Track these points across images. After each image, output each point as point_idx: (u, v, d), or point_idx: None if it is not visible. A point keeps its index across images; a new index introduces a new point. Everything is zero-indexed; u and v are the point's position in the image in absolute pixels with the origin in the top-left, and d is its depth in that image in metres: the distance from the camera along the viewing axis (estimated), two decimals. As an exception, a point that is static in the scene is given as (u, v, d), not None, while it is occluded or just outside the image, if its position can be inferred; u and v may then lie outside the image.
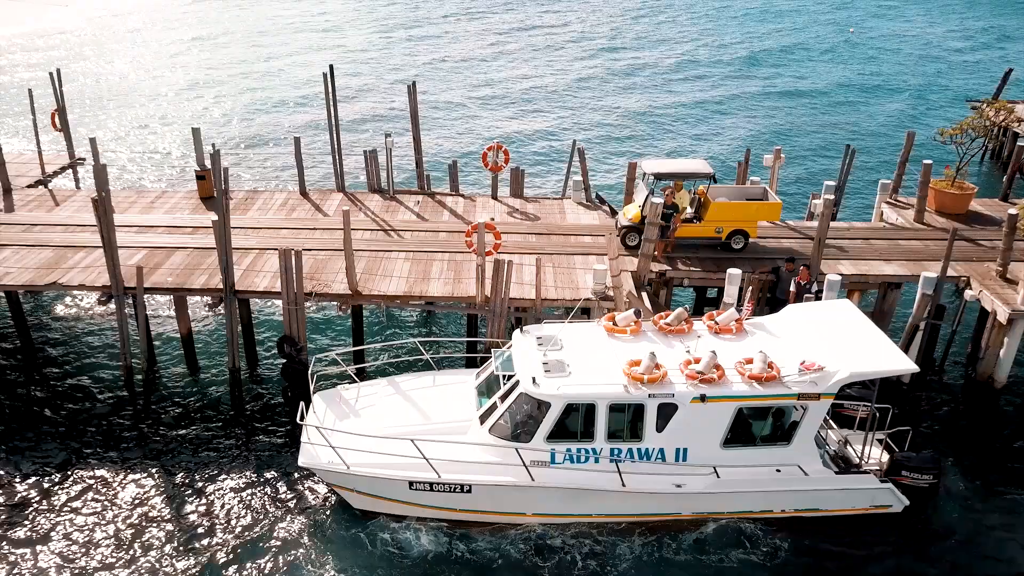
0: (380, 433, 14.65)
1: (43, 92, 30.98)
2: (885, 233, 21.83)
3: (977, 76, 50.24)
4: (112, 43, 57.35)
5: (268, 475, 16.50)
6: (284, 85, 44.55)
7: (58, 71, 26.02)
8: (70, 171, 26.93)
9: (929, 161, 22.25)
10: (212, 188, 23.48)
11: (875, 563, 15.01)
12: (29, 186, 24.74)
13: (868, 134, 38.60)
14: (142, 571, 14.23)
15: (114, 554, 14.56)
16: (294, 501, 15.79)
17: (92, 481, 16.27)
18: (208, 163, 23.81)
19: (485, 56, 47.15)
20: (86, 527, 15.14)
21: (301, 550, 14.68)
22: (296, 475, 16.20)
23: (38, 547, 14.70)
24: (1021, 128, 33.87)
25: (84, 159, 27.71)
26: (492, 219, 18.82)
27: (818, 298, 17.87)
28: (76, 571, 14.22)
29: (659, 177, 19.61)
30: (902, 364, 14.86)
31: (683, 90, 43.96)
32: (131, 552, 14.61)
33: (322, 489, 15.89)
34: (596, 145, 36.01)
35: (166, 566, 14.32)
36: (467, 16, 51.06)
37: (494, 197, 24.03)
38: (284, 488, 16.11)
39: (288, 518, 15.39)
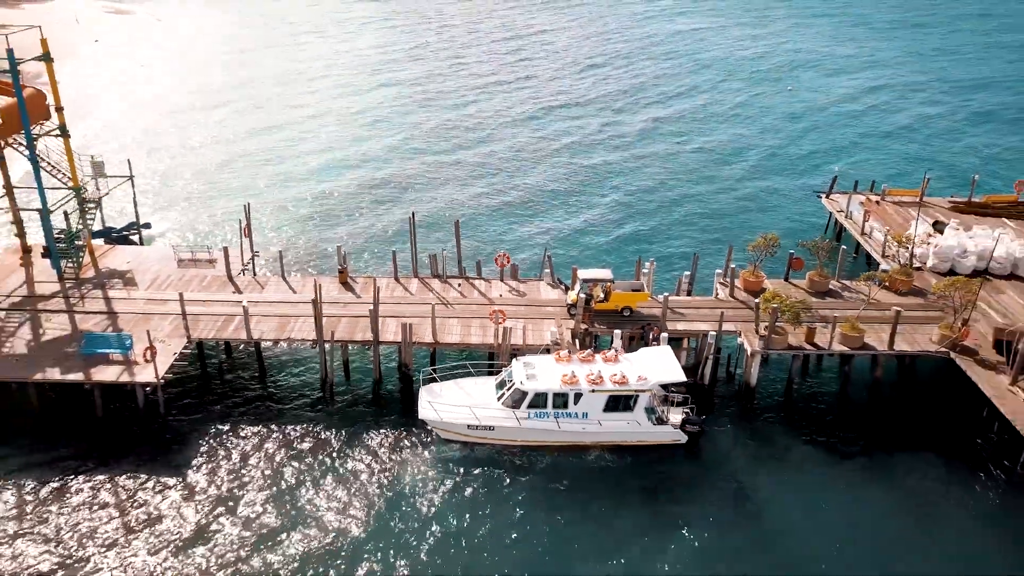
0: (455, 404, 33.91)
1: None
2: (709, 304, 40.97)
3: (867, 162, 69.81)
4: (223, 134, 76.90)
5: (398, 424, 35.70)
6: (380, 194, 63.28)
7: (248, 205, 45.43)
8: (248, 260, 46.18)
9: (734, 266, 41.49)
10: (347, 277, 42.74)
11: (671, 462, 34.11)
12: (238, 274, 43.94)
13: (736, 228, 57.27)
14: (341, 475, 33.43)
15: (310, 466, 33.78)
16: (413, 436, 35.01)
17: (302, 434, 35.40)
18: (344, 263, 43.16)
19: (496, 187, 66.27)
20: (303, 460, 34.34)
21: (418, 455, 33.91)
22: (414, 425, 35.31)
23: (266, 470, 33.90)
24: (843, 218, 53.25)
25: (259, 252, 47.00)
26: (500, 295, 37.81)
27: (659, 343, 37.05)
28: (306, 479, 33.42)
29: (585, 281, 38.80)
30: (681, 376, 34.08)
31: (615, 204, 62.78)
32: (321, 463, 33.81)
33: (427, 430, 35.06)
34: (561, 237, 55.44)
35: (351, 470, 33.50)
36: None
37: (501, 280, 43.21)
38: (406, 430, 35.31)
39: (409, 442, 34.60)
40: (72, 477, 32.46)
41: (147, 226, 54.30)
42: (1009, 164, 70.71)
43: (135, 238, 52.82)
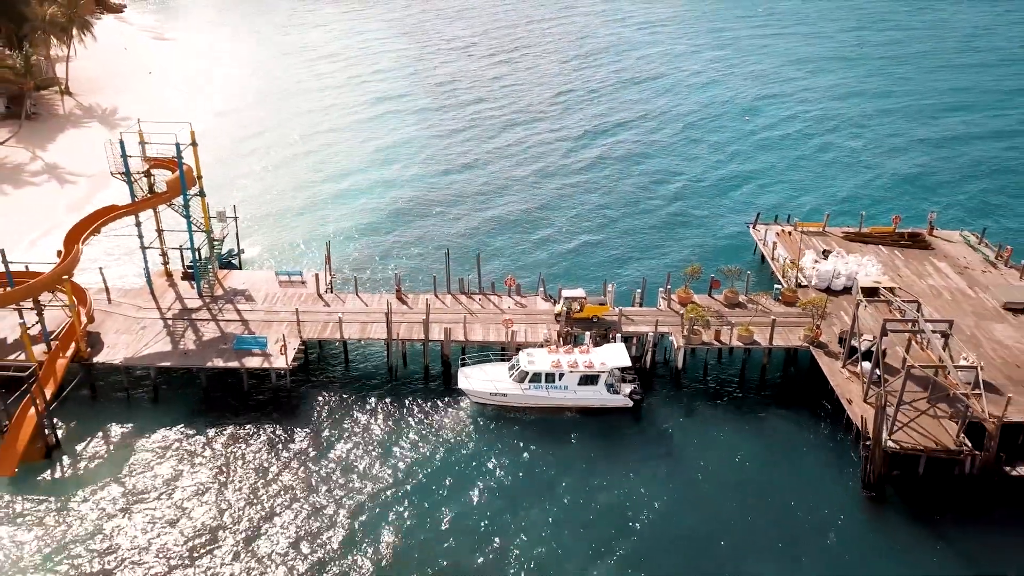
0: (482, 379, 52.52)
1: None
2: (652, 313, 59.26)
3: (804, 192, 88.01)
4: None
5: (441, 394, 54.18)
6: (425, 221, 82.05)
7: (329, 242, 63.91)
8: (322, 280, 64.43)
9: (669, 287, 59.86)
10: (401, 294, 61.05)
11: (621, 419, 52.54)
12: (324, 291, 62.23)
13: (683, 251, 76.05)
14: (407, 425, 51.91)
15: (378, 429, 52.30)
16: (452, 400, 53.51)
17: (379, 402, 53.83)
18: (399, 284, 61.50)
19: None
20: (378, 426, 52.85)
21: (456, 413, 52.45)
22: (455, 392, 53.76)
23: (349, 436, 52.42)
24: (761, 245, 71.33)
25: (335, 274, 65.44)
26: (509, 307, 56.28)
27: (616, 340, 55.44)
28: (382, 435, 51.93)
29: (567, 298, 57.22)
30: (628, 363, 52.58)
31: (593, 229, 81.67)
32: (393, 418, 52.30)
33: (463, 397, 53.49)
34: (555, 258, 74.11)
35: (412, 422, 52.01)
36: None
37: (509, 296, 61.59)
38: (447, 397, 53.79)
39: (450, 404, 53.12)
40: (232, 430, 50.93)
41: (242, 251, 72.62)
42: (892, 200, 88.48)
43: (235, 262, 71.09)
